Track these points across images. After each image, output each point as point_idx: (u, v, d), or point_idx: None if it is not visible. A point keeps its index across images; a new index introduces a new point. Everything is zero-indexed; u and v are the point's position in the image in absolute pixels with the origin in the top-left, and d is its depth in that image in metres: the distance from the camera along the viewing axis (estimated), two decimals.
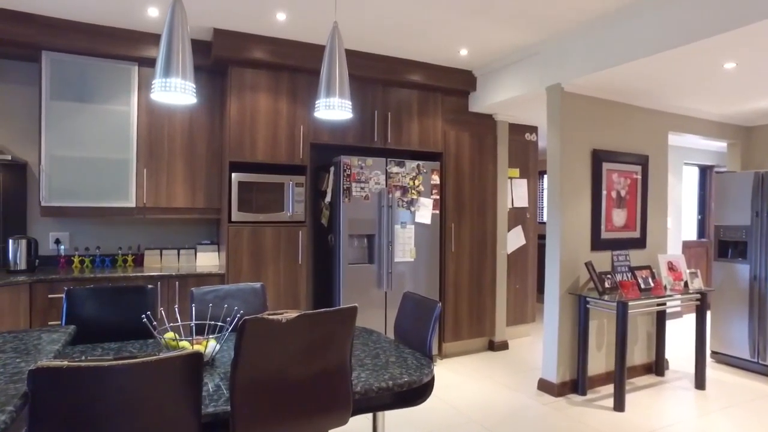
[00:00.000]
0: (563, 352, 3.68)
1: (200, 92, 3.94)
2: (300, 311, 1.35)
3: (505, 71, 4.22)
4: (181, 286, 3.63)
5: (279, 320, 1.28)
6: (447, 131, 4.58)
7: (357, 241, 4.21)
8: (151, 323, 2.01)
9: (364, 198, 4.13)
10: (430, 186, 4.40)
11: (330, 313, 1.40)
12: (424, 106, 4.50)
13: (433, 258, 4.42)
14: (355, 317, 1.48)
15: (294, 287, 3.96)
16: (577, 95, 3.72)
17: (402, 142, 4.41)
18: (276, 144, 3.92)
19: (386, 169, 4.21)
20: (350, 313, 1.44)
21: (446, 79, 4.46)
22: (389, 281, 4.22)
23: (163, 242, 4.13)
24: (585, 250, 3.80)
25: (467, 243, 4.66)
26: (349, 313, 1.44)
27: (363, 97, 4.24)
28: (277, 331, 1.30)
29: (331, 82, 2.09)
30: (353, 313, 1.45)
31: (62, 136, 3.54)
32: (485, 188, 4.76)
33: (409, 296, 2.43)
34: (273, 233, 3.91)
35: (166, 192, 3.83)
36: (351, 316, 1.45)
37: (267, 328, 1.28)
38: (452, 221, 4.58)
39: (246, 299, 2.54)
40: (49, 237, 3.80)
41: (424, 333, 2.13)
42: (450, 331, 4.56)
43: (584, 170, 3.80)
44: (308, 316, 1.35)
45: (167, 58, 1.79)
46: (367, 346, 2.19)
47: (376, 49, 4.06)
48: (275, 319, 1.28)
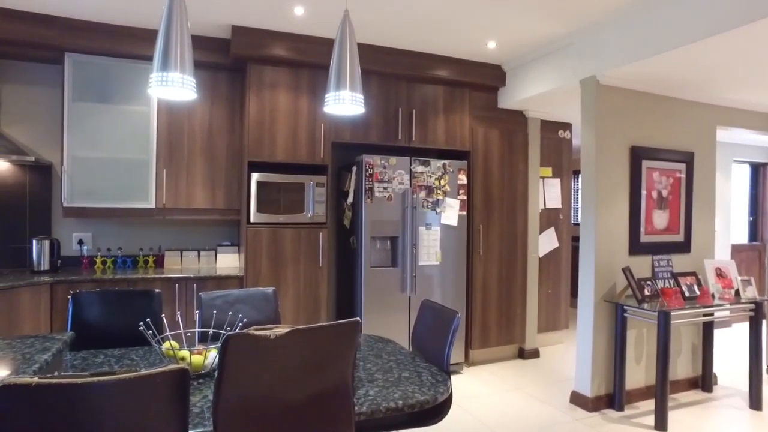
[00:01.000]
0: (598, 363, 3.43)
1: (219, 91, 3.88)
2: (291, 326, 1.22)
3: (535, 64, 3.99)
4: (199, 288, 3.57)
5: (267, 336, 1.15)
6: (475, 129, 4.38)
7: (380, 243, 4.06)
8: (149, 330, 1.92)
9: (387, 199, 3.98)
10: (456, 186, 4.21)
11: (326, 328, 1.26)
12: (451, 103, 4.31)
13: (460, 261, 4.23)
14: (357, 332, 1.33)
15: (314, 290, 3.85)
16: (614, 88, 3.46)
17: (427, 140, 4.23)
18: (296, 143, 3.82)
19: (410, 168, 4.05)
20: (351, 328, 1.30)
21: (474, 74, 4.26)
22: (413, 285, 4.06)
23: (183, 243, 4.09)
24: (622, 254, 3.53)
25: (496, 246, 4.44)
26: (350, 328, 1.30)
27: (386, 94, 4.09)
28: (266, 349, 1.17)
29: (341, 74, 1.95)
30: (354, 328, 1.31)
31: (84, 137, 3.54)
32: (515, 188, 4.53)
33: (428, 305, 2.27)
34: (293, 235, 3.81)
35: (185, 192, 3.78)
36: (352, 332, 1.30)
37: (253, 345, 1.15)
38: (480, 223, 4.38)
39: (256, 305, 2.43)
40: (73, 238, 3.81)
41: (442, 346, 1.96)
42: (477, 337, 4.36)
43: (622, 169, 3.53)
44: (301, 331, 1.21)
45: (165, 51, 1.69)
46: (380, 359, 2.04)
47: (400, 44, 3.90)
48: (262, 334, 1.15)
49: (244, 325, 2.23)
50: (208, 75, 3.84)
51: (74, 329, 2.18)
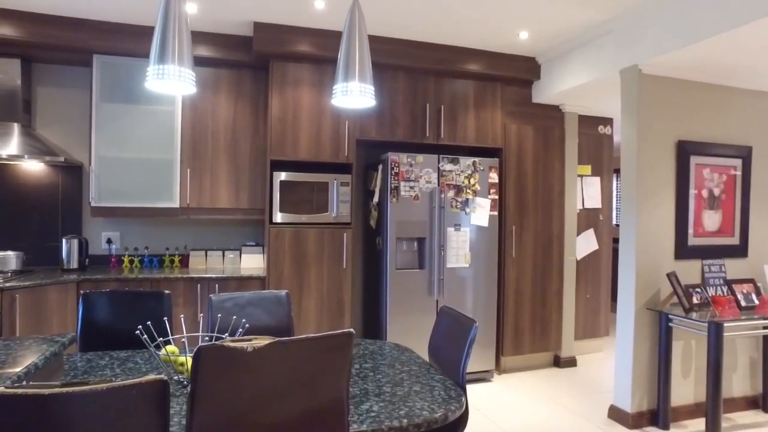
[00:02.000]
0: (640, 376, 3.16)
1: (243, 89, 3.84)
2: (273, 338, 1.10)
3: (572, 55, 3.74)
4: (221, 289, 3.53)
5: (243, 349, 1.04)
6: (507, 125, 4.17)
7: (406, 244, 3.92)
8: (152, 333, 1.86)
9: (414, 198, 3.83)
10: (487, 185, 4.01)
11: (313, 340, 1.13)
12: (482, 98, 4.11)
13: (491, 264, 4.03)
14: (351, 345, 1.20)
15: (338, 292, 3.75)
16: (658, 78, 3.18)
17: (457, 137, 4.06)
18: (320, 141, 3.73)
19: (438, 166, 3.89)
20: (343, 341, 1.17)
21: (506, 67, 4.05)
22: (441, 289, 3.89)
23: (208, 243, 4.08)
24: (667, 258, 3.25)
25: (530, 247, 4.21)
26: (342, 340, 1.17)
27: (413, 90, 3.94)
28: (243, 363, 1.05)
29: (350, 64, 1.83)
30: (347, 340, 1.18)
31: (111, 138, 3.57)
32: (551, 187, 4.28)
33: (446, 312, 2.11)
34: (316, 235, 3.72)
35: (209, 192, 3.76)
36: (344, 344, 1.17)
37: (229, 359, 1.04)
38: (513, 223, 4.16)
39: (268, 308, 2.34)
40: (102, 237, 3.86)
41: (458, 358, 1.80)
42: (510, 344, 4.14)
43: (667, 165, 3.24)
44: (283, 344, 1.09)
45: (162, 43, 1.62)
46: (392, 369, 1.90)
47: (427, 37, 3.75)
48: (238, 347, 1.04)
49: (251, 329, 2.15)
50: (231, 73, 3.80)
51: (84, 329, 2.15)
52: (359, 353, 2.11)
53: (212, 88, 3.76)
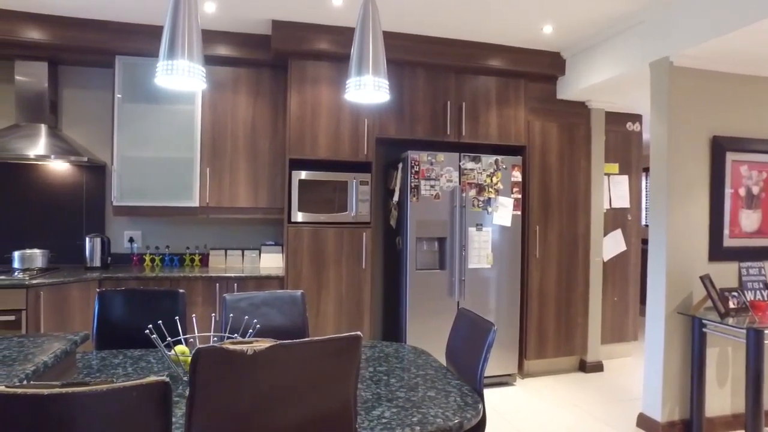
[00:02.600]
0: (671, 384, 3.01)
1: (263, 88, 3.82)
2: (274, 341, 1.05)
3: (598, 49, 3.61)
4: (240, 288, 3.52)
5: (243, 352, 0.99)
6: (531, 122, 4.05)
7: (426, 244, 3.84)
8: (162, 332, 1.84)
9: (434, 197, 3.75)
10: (510, 183, 3.90)
11: (317, 343, 1.08)
12: (504, 95, 4.01)
13: (514, 265, 3.92)
14: (358, 348, 1.14)
15: (357, 293, 3.70)
16: (691, 70, 3.03)
17: (479, 135, 3.96)
18: (338, 139, 3.69)
19: (459, 164, 3.80)
20: (350, 344, 1.11)
21: (529, 63, 3.93)
22: (462, 290, 3.80)
23: (228, 242, 4.09)
24: (701, 260, 3.09)
25: (554, 248, 4.08)
26: (349, 343, 1.11)
27: (434, 87, 3.87)
28: (243, 366, 1.01)
29: (363, 58, 1.77)
30: (355, 343, 1.12)
31: (132, 137, 3.60)
32: (576, 186, 4.14)
33: (464, 314, 2.03)
34: (335, 235, 3.68)
35: (228, 191, 3.76)
36: (351, 348, 1.12)
37: (228, 362, 1.00)
38: (537, 223, 4.04)
39: (283, 308, 2.30)
40: (124, 236, 3.91)
41: (475, 363, 1.72)
42: (533, 347, 4.02)
43: (700, 162, 3.09)
44: (285, 347, 1.04)
45: (171, 38, 1.59)
46: (408, 373, 1.84)
47: (447, 33, 3.67)
48: (238, 349, 0.99)
49: (265, 330, 2.11)
50: (250, 72, 3.80)
51: (99, 328, 2.16)
52: (374, 356, 2.06)
53: (232, 87, 3.76)
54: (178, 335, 2.02)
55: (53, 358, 1.50)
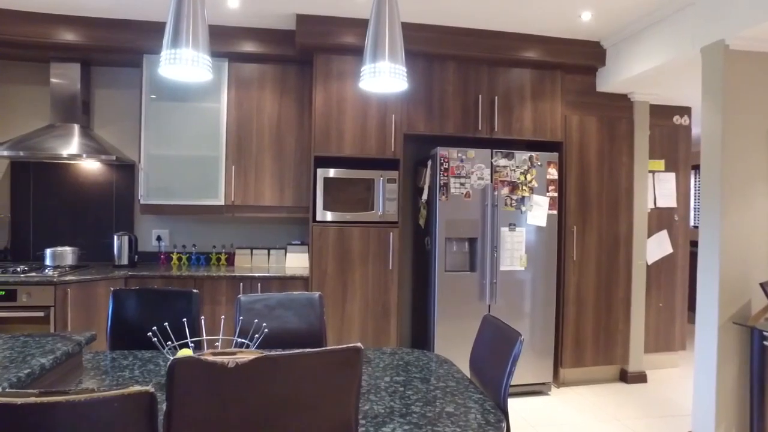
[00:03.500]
0: (726, 401, 2.75)
1: (288, 84, 3.76)
2: (261, 352, 0.94)
3: (642, 36, 3.35)
4: (264, 288, 3.47)
5: (223, 364, 0.88)
6: (568, 116, 3.82)
7: (456, 245, 3.68)
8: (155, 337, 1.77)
9: (465, 195, 3.59)
10: (545, 181, 3.69)
11: (310, 356, 0.96)
12: (540, 88, 3.80)
13: (549, 267, 3.70)
14: (359, 362, 1.02)
15: (383, 295, 3.58)
16: (750, 54, 2.75)
17: (512, 130, 3.77)
18: (365, 136, 3.58)
19: (491, 161, 3.62)
20: (348, 357, 0.99)
21: (567, 53, 3.71)
22: (493, 293, 3.62)
23: (254, 241, 4.05)
24: (760, 265, 2.80)
25: (593, 250, 3.84)
26: (347, 356, 0.99)
27: (465, 80, 3.70)
28: (225, 380, 0.90)
29: (379, 43, 1.64)
30: (354, 357, 0.99)
31: (159, 136, 3.61)
32: (617, 184, 3.88)
33: (490, 321, 1.88)
34: (361, 234, 3.57)
35: (254, 189, 3.72)
36: (351, 361, 0.99)
37: (208, 375, 0.89)
38: (574, 223, 3.81)
39: (299, 311, 2.21)
40: (152, 234, 3.92)
41: (500, 376, 1.57)
42: (569, 354, 3.80)
43: (760, 157, 2.80)
44: (272, 360, 0.93)
45: (175, 26, 1.51)
46: (426, 384, 1.70)
47: (478, 24, 3.50)
48: (219, 361, 0.89)
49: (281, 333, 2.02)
50: (276, 68, 3.74)
51: (114, 327, 2.12)
52: (393, 363, 1.93)
53: (257, 84, 3.72)
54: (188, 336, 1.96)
55: (52, 361, 1.44)
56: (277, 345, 2.12)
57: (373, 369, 1.86)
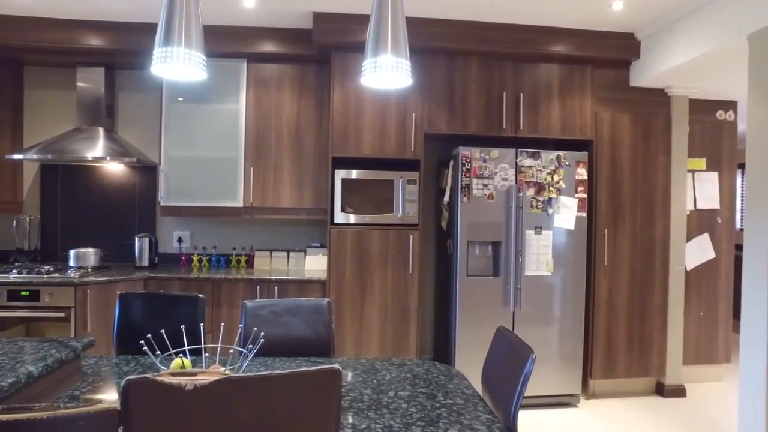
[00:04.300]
0: None
1: (307, 84, 3.70)
2: (225, 373, 0.85)
3: (681, 25, 3.13)
4: (281, 291, 3.42)
5: (180, 386, 0.80)
6: (599, 113, 3.62)
7: (479, 248, 3.54)
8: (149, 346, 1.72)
9: (488, 197, 3.44)
10: (574, 182, 3.51)
11: (280, 379, 0.87)
12: (568, 84, 3.61)
13: (578, 272, 3.51)
14: (337, 386, 0.92)
15: (402, 299, 3.48)
16: None
17: (538, 128, 3.60)
18: (384, 135, 3.49)
19: (516, 161, 3.46)
20: (324, 381, 0.89)
21: (597, 46, 3.51)
22: (518, 299, 3.46)
23: (273, 243, 4.01)
24: None
25: (626, 254, 3.62)
26: (322, 380, 0.89)
27: (488, 77, 3.55)
28: (184, 403, 0.82)
29: (381, 35, 1.54)
30: (330, 380, 0.90)
31: (179, 138, 3.62)
32: (653, 184, 3.65)
33: (503, 334, 1.75)
34: (380, 237, 3.48)
35: (272, 191, 3.68)
36: (326, 385, 0.90)
37: (164, 398, 0.82)
38: (605, 226, 3.60)
39: (306, 317, 2.13)
40: (174, 235, 3.94)
41: (510, 395, 1.44)
42: (600, 365, 3.59)
43: None
44: (236, 383, 0.84)
45: (167, 23, 1.45)
46: (431, 400, 1.59)
47: (503, 17, 3.35)
48: (175, 383, 0.81)
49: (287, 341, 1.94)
50: (295, 68, 3.69)
51: (120, 331, 2.10)
52: (400, 376, 1.82)
53: (276, 84, 3.68)
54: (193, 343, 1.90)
55: (42, 368, 1.41)
56: (282, 353, 2.05)
57: (378, 382, 1.76)
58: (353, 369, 1.89)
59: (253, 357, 1.96)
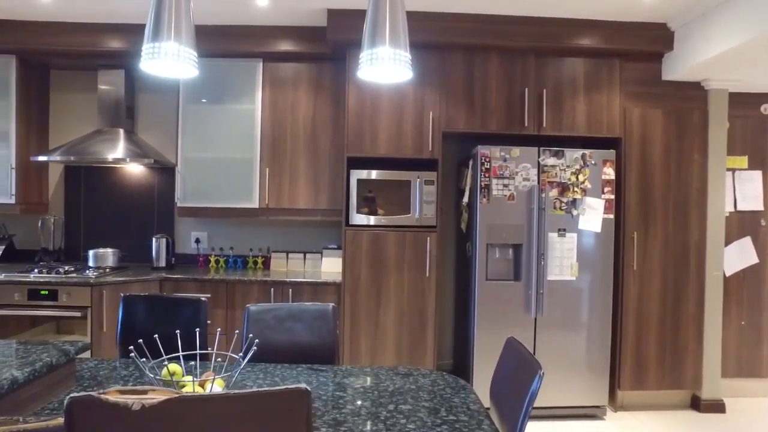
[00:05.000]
0: None
1: (323, 83, 3.64)
2: (175, 393, 0.78)
3: (719, 12, 2.91)
4: (295, 294, 3.36)
5: (126, 405, 0.73)
6: (628, 109, 3.42)
7: (499, 251, 3.40)
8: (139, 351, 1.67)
9: (508, 198, 3.30)
10: (600, 182, 3.33)
11: (237, 399, 0.79)
12: (594, 79, 3.43)
13: (604, 277, 3.33)
14: (304, 407, 0.83)
15: (419, 303, 3.37)
16: None
17: (563, 126, 3.43)
18: (400, 135, 3.39)
19: (538, 160, 3.31)
20: (290, 402, 0.80)
21: (626, 38, 3.32)
22: (540, 305, 3.31)
23: (290, 245, 3.97)
24: None
25: (658, 259, 3.41)
26: (288, 401, 0.80)
27: (509, 73, 3.41)
28: (129, 424, 0.75)
29: (378, 25, 1.45)
30: (297, 401, 0.81)
31: (195, 139, 3.61)
32: (687, 184, 3.43)
33: (512, 346, 1.63)
34: (396, 239, 3.38)
35: (288, 192, 3.63)
36: (292, 407, 0.81)
37: (109, 418, 0.74)
38: (634, 229, 3.40)
39: (310, 323, 2.05)
40: (191, 236, 3.95)
41: (515, 414, 1.33)
42: (629, 375, 3.39)
43: None
44: (187, 402, 0.76)
45: (156, 17, 1.41)
46: (433, 416, 1.48)
47: (525, 10, 3.21)
48: (120, 402, 0.74)
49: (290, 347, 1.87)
50: (311, 67, 3.63)
51: (124, 333, 2.07)
52: (404, 388, 1.72)
53: (292, 83, 3.63)
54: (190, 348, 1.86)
55: (29, 374, 1.38)
56: (285, 359, 1.98)
57: (380, 393, 1.66)
58: (356, 378, 1.81)
59: (255, 363, 1.90)
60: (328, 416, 1.46)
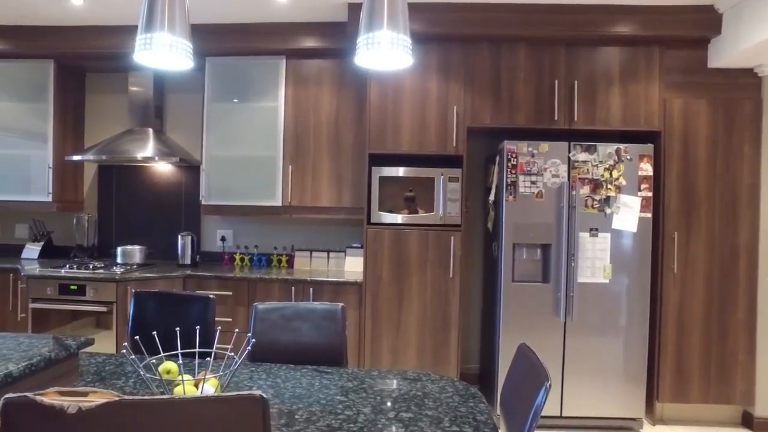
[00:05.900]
0: None
1: (346, 79, 3.58)
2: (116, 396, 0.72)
3: None
4: (316, 293, 3.32)
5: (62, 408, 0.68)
6: (668, 100, 3.19)
7: (526, 252, 3.24)
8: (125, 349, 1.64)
9: (536, 195, 3.15)
10: (636, 179, 3.12)
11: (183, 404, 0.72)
12: (631, 68, 3.22)
13: (641, 280, 3.11)
14: (261, 416, 0.75)
15: (443, 305, 3.26)
16: None
17: (596, 119, 3.24)
18: (423, 130, 3.29)
19: (569, 156, 3.14)
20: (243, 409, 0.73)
21: (667, 24, 3.09)
22: (569, 308, 3.13)
23: (314, 243, 3.93)
24: None
25: (702, 261, 3.16)
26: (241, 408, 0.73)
27: (538, 65, 3.25)
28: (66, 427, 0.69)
29: (376, 7, 1.36)
30: (252, 410, 0.73)
31: (220, 137, 3.63)
32: (736, 181, 3.16)
33: (523, 353, 1.51)
34: (419, 238, 3.29)
35: (311, 190, 3.60)
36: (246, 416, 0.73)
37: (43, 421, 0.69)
38: (675, 229, 3.17)
39: (318, 323, 1.99)
40: (217, 234, 3.98)
41: (521, 423, 1.21)
42: (669, 386, 3.16)
43: None
44: (129, 407, 0.70)
45: (149, 8, 1.37)
46: (435, 427, 1.39)
47: None
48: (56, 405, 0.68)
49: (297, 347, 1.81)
50: (334, 63, 3.58)
51: (134, 330, 2.07)
52: (410, 394, 1.63)
53: (315, 80, 3.59)
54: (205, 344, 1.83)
55: (24, 368, 1.37)
56: (290, 360, 1.92)
57: (382, 399, 1.58)
58: (360, 381, 1.73)
59: (259, 364, 1.85)
60: (322, 422, 1.38)
